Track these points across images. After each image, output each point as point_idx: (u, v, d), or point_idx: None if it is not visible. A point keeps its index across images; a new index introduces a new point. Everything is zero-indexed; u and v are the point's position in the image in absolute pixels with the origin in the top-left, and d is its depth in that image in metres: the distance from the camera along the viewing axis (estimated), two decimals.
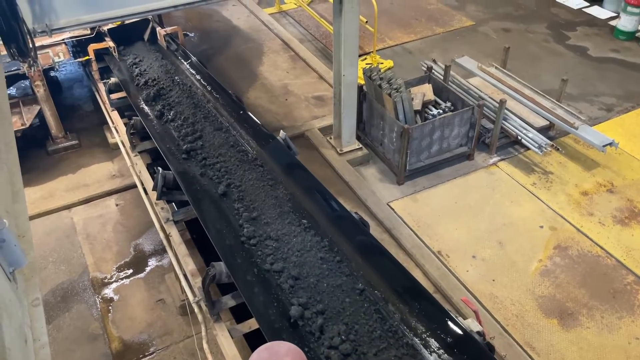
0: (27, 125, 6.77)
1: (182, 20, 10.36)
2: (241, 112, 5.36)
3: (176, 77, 6.26)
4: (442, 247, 5.85)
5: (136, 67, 6.60)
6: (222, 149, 5.04)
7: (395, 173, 6.72)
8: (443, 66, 7.44)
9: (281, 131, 4.88)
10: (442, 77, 7.31)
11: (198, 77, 6.23)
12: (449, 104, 6.84)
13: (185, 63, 6.56)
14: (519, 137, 6.76)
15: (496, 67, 7.81)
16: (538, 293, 5.39)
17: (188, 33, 9.71)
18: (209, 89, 5.97)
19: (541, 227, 6.07)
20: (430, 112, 6.72)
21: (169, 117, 5.54)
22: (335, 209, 4.18)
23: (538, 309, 5.25)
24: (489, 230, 6.04)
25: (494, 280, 5.51)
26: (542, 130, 6.98)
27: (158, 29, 7.22)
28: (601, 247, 5.82)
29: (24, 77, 6.88)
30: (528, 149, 6.79)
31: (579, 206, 6.32)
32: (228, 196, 4.48)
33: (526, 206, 6.33)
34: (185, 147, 4.99)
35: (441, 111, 6.72)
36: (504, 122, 6.87)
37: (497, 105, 6.72)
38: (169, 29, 7.11)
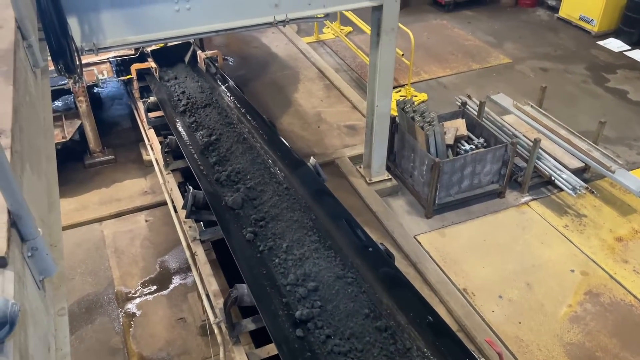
0: (68, 138, 6.99)
1: (222, 44, 10.64)
2: (357, 231, 4.20)
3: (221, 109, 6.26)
4: (468, 285, 5.73)
5: (175, 86, 6.78)
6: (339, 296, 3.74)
7: (424, 206, 6.66)
8: (477, 102, 7.41)
9: (311, 158, 4.91)
10: (476, 113, 7.27)
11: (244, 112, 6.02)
12: (482, 140, 6.78)
13: (222, 86, 6.71)
14: (553, 178, 6.64)
15: (532, 106, 7.73)
16: (566, 339, 5.20)
17: (227, 57, 9.95)
18: (273, 151, 5.35)
19: (572, 271, 5.90)
20: (463, 147, 6.67)
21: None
22: (362, 239, 4.15)
23: (566, 356, 5.06)
24: (518, 271, 5.89)
25: (520, 323, 5.35)
26: (577, 172, 6.84)
27: (199, 52, 7.43)
28: (635, 297, 5.60)
29: (68, 92, 7.14)
30: (561, 190, 6.65)
31: (612, 252, 6.12)
32: None
33: (557, 248, 6.17)
34: (294, 302, 3.74)
35: (474, 147, 6.67)
36: (537, 161, 6.76)
37: (531, 144, 6.64)
38: (209, 53, 7.30)
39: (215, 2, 4.99)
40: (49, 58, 4.09)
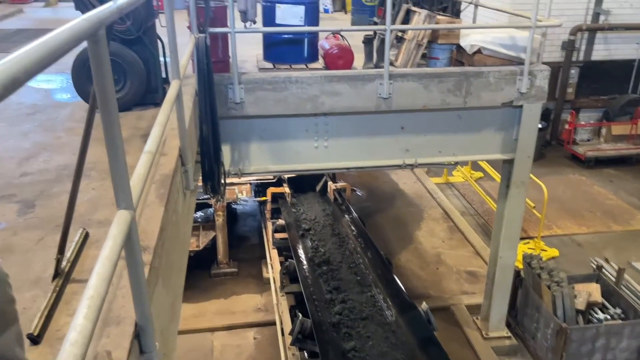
0: (201, 248, 7.58)
1: (353, 176, 11.19)
2: None
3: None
4: None
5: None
6: None
7: None
8: (616, 267, 6.80)
9: (423, 303, 4.80)
10: (613, 279, 6.65)
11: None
12: (618, 311, 6.12)
13: (346, 217, 6.99)
14: None
15: None
16: None
17: (355, 189, 10.41)
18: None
19: None
20: (596, 316, 6.06)
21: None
22: None
23: None
24: None
25: None
26: None
27: (330, 183, 7.91)
28: None
29: (208, 205, 7.88)
30: None
31: None
32: None
33: None
34: None
35: (609, 317, 6.03)
36: None
37: None
38: (339, 185, 7.74)
39: (350, 143, 5.40)
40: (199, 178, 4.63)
